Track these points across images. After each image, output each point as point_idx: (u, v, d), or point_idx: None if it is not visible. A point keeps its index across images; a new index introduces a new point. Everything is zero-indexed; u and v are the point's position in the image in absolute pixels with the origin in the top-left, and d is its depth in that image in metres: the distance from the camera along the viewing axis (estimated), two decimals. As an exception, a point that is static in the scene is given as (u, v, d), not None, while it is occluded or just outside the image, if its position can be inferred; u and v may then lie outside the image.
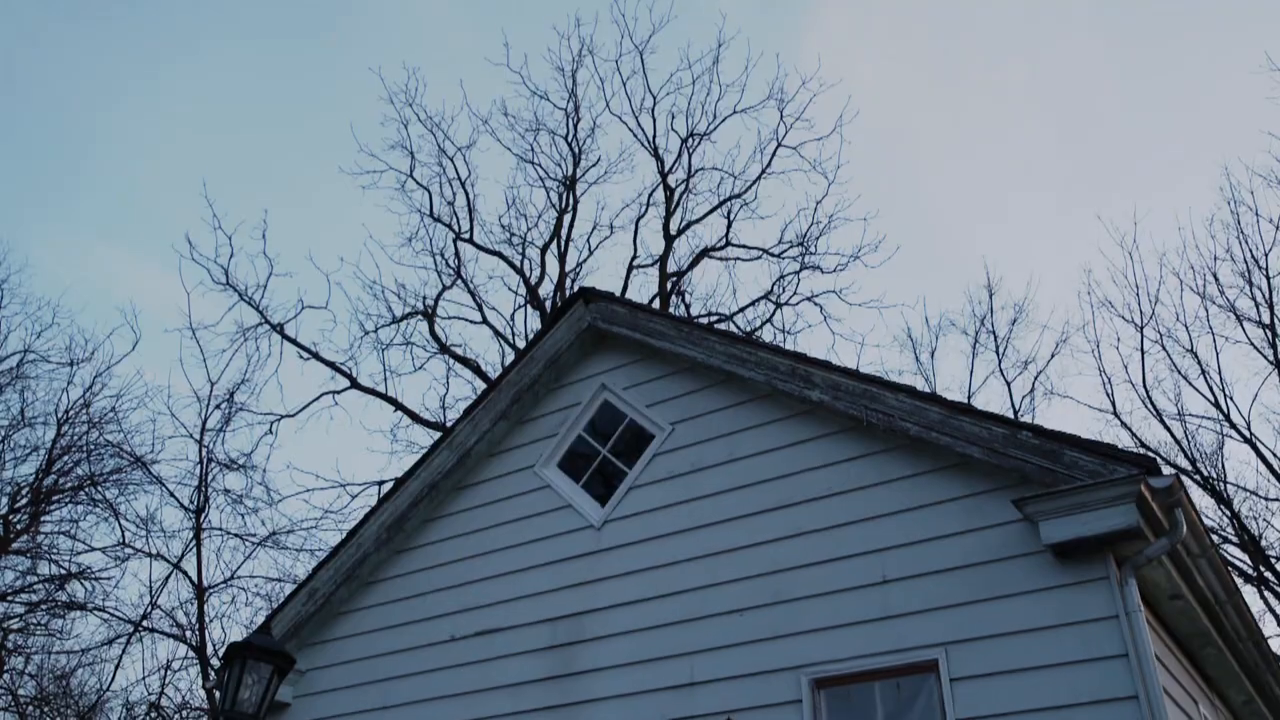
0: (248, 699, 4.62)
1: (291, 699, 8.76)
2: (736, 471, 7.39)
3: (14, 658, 17.46)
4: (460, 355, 21.42)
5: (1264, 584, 22.25)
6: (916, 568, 6.40)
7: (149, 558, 18.23)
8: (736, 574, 7.04)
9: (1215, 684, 8.05)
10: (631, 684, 7.11)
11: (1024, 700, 5.77)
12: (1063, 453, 6.03)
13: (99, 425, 18.80)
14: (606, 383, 8.41)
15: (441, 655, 8.13)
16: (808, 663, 6.52)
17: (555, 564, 7.92)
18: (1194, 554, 6.42)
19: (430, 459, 8.79)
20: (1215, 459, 22.82)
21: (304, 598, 8.90)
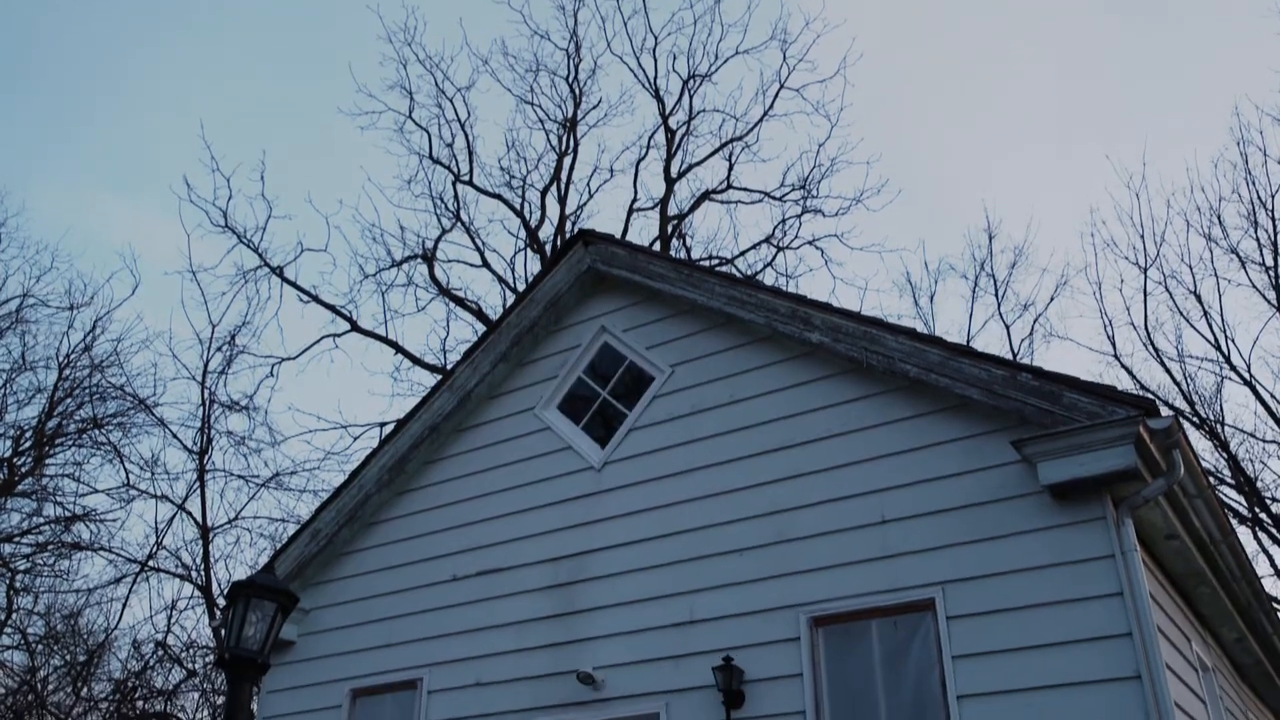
0: (252, 636, 4.68)
1: (296, 637, 8.89)
2: (736, 413, 7.41)
3: (22, 597, 17.69)
4: (460, 298, 21.38)
5: (1259, 525, 22.45)
6: (915, 508, 6.45)
7: (153, 499, 18.39)
8: (736, 514, 7.09)
9: (1208, 622, 8.15)
10: (632, 622, 7.20)
11: (1019, 638, 5.85)
12: (1062, 394, 6.04)
13: (101, 368, 18.84)
14: (606, 325, 8.40)
15: (444, 594, 8.23)
16: (806, 601, 6.60)
17: (556, 505, 7.97)
18: (1190, 495, 6.47)
19: (431, 401, 8.81)
20: (1214, 402, 22.88)
21: (307, 538, 8.98)
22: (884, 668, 6.26)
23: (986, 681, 5.85)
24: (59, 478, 18.47)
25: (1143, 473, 5.80)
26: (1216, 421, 22.31)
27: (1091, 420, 5.87)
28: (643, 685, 6.99)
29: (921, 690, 6.08)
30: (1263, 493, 22.52)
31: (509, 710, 7.47)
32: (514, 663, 7.61)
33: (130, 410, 18.64)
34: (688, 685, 6.80)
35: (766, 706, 6.48)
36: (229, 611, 4.77)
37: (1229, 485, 22.22)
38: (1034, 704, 5.68)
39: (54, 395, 18.37)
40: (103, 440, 18.40)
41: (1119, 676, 5.52)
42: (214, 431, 18.99)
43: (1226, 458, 22.30)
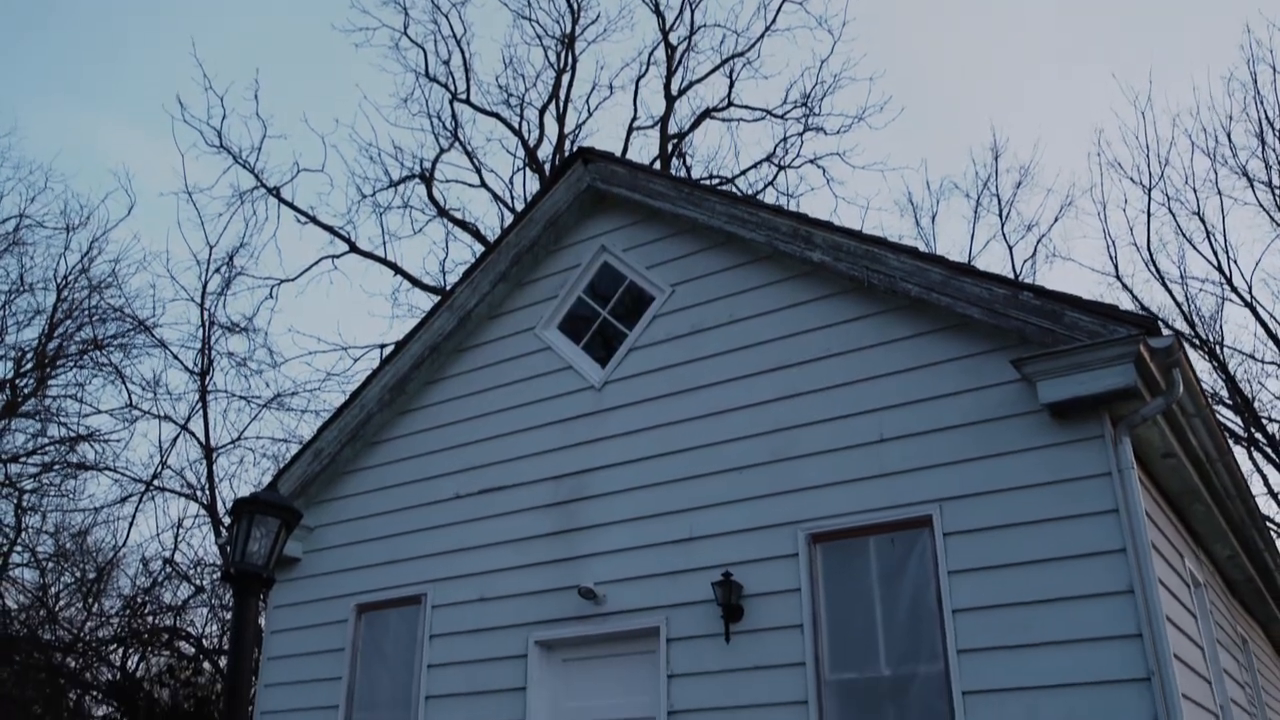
0: (257, 552, 4.74)
1: (301, 554, 9.01)
2: (736, 333, 7.41)
3: (30, 516, 17.90)
4: (459, 219, 21.24)
5: (1254, 445, 22.63)
6: (914, 427, 6.49)
7: (156, 419, 18.51)
8: (736, 433, 7.13)
9: (1201, 539, 8.26)
10: (633, 539, 7.30)
11: (1015, 554, 5.93)
12: (1063, 313, 6.03)
13: (99, 289, 18.78)
14: (606, 244, 8.35)
15: (447, 512, 8.32)
16: (805, 518, 6.67)
17: (557, 424, 8.02)
18: (1189, 414, 6.49)
19: (430, 321, 8.80)
20: (1214, 323, 22.88)
21: (310, 457, 9.05)
22: (881, 583, 6.36)
23: (982, 596, 5.95)
24: (61, 399, 18.55)
25: (1142, 391, 5.82)
26: (1216, 343, 22.35)
27: (1092, 339, 5.86)
28: (643, 600, 7.11)
29: (917, 605, 6.18)
30: (1259, 413, 22.66)
31: (512, 624, 7.61)
32: (516, 578, 7.73)
33: (130, 331, 18.64)
34: (688, 600, 6.92)
35: (765, 620, 6.60)
36: (233, 528, 4.83)
37: (1226, 406, 22.35)
38: (1028, 618, 5.78)
39: (53, 317, 18.35)
40: (104, 361, 18.43)
41: (1113, 591, 5.60)
42: (215, 353, 19.03)
43: (1225, 379, 22.39)
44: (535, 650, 7.45)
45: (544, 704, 7.36)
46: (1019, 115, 39.27)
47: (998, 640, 5.83)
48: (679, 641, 6.87)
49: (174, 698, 14.12)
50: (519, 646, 7.52)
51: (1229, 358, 22.26)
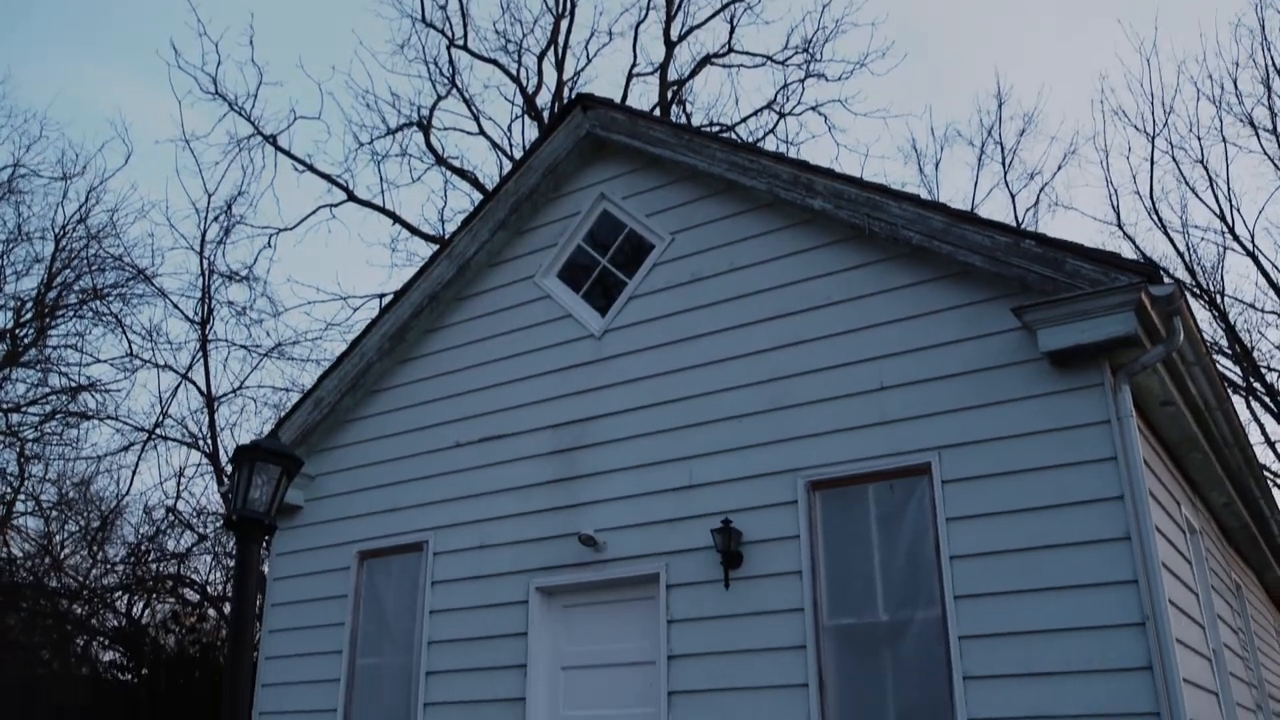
0: (258, 499, 4.76)
1: (303, 502, 9.07)
2: (736, 281, 7.38)
3: (33, 465, 17.98)
4: (457, 167, 21.09)
5: (1252, 394, 22.68)
6: (913, 375, 6.49)
7: (157, 369, 18.51)
8: (736, 381, 7.14)
9: (1198, 487, 8.30)
10: (632, 486, 7.33)
11: (1013, 501, 5.96)
12: (1065, 261, 6.00)
13: (98, 239, 18.68)
14: (605, 192, 8.29)
15: (447, 460, 8.36)
16: (804, 466, 6.70)
17: (556, 372, 8.02)
18: (1189, 362, 6.49)
19: (430, 270, 8.77)
20: (1215, 273, 22.83)
21: (310, 406, 9.07)
22: (879, 530, 6.40)
23: (980, 543, 5.99)
24: (62, 348, 18.55)
25: (1142, 339, 5.81)
26: (1217, 292, 22.31)
27: (1094, 287, 5.84)
28: (643, 547, 7.16)
29: (916, 551, 6.23)
30: (1259, 363, 22.69)
31: (512, 571, 7.68)
32: (517, 526, 7.78)
33: (130, 281, 18.59)
34: (687, 547, 6.97)
35: (764, 567, 6.65)
36: (235, 475, 4.85)
37: (1225, 355, 22.37)
38: (1026, 564, 5.83)
39: (52, 266, 18.29)
40: (103, 311, 18.40)
41: (1110, 537, 5.64)
42: (214, 302, 19.00)
43: (1225, 328, 22.39)
44: (536, 596, 7.52)
45: (545, 649, 7.45)
46: (1023, 61, 38.86)
47: (995, 586, 5.88)
48: (679, 588, 6.94)
49: (179, 643, 14.30)
50: (520, 593, 7.59)
51: (1229, 307, 22.25)
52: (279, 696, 8.65)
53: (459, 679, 7.68)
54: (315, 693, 8.40)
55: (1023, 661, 5.69)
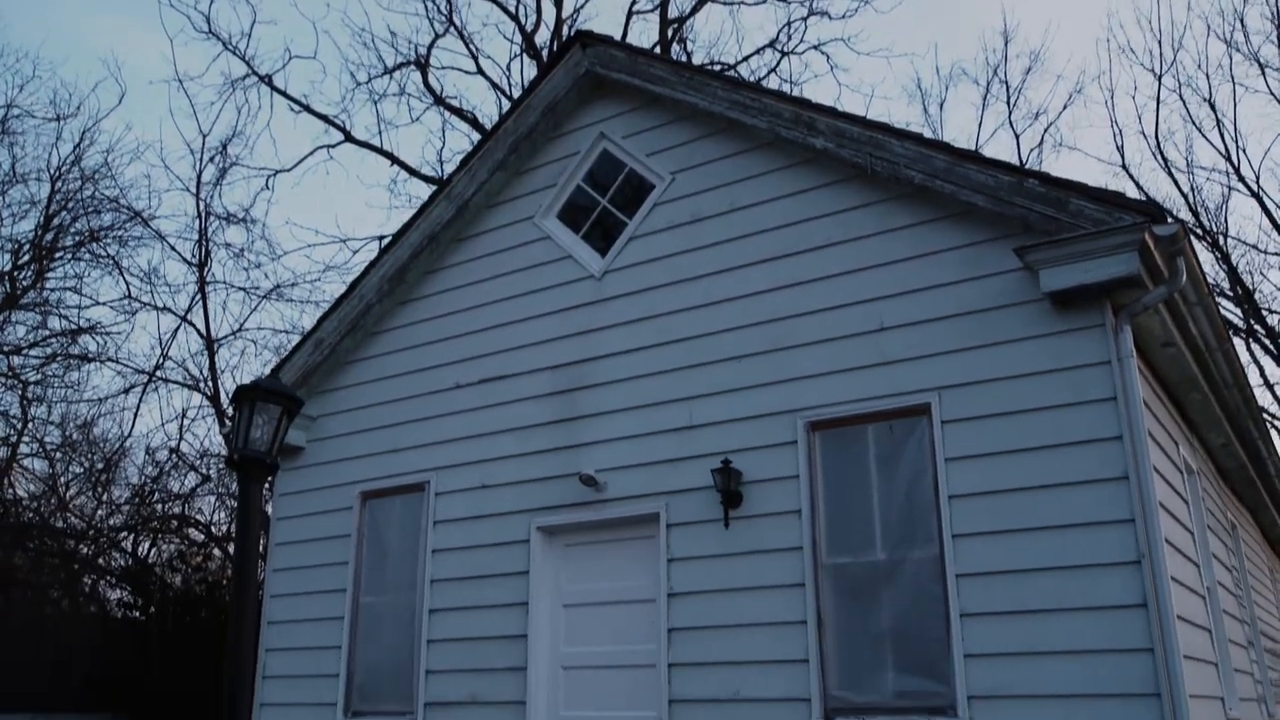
0: (259, 438, 4.78)
1: (305, 443, 9.11)
2: (737, 221, 7.34)
3: (36, 407, 18.05)
4: (456, 107, 20.86)
5: (1253, 336, 22.69)
6: (914, 315, 6.48)
7: (156, 311, 18.53)
8: (736, 322, 7.13)
9: (1196, 428, 8.33)
10: (633, 427, 7.36)
11: (1012, 441, 5.99)
12: (1068, 200, 5.95)
13: (93, 180, 18.55)
14: (605, 131, 8.20)
15: (448, 402, 8.38)
16: (804, 406, 6.72)
17: (556, 314, 8.01)
18: (1190, 303, 6.47)
19: (428, 210, 8.71)
20: (1219, 214, 22.71)
21: (310, 347, 9.07)
22: (879, 470, 6.43)
23: (978, 482, 6.03)
24: (60, 291, 18.52)
25: (1145, 280, 5.79)
26: (1220, 233, 22.20)
27: (1097, 227, 5.80)
28: (643, 487, 7.21)
29: (914, 491, 6.27)
30: (1260, 305, 22.66)
31: (514, 511, 7.74)
32: (518, 466, 7.82)
33: (126, 223, 18.51)
34: (687, 487, 7.01)
35: (764, 506, 6.70)
36: (236, 415, 4.86)
37: (1227, 298, 22.34)
38: (1024, 503, 5.87)
39: (48, 208, 18.17)
40: (101, 253, 18.34)
41: (1108, 477, 5.68)
42: (212, 244, 18.95)
43: (1227, 270, 22.33)
44: (537, 536, 7.59)
45: (546, 587, 7.53)
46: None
47: (993, 525, 5.93)
48: (679, 527, 6.99)
49: (185, 582, 14.47)
50: (521, 532, 7.66)
51: (1232, 249, 22.16)
52: (284, 633, 8.77)
53: (461, 616, 7.78)
54: (320, 630, 8.52)
55: (1019, 599, 5.76)
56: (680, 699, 6.69)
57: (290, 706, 8.52)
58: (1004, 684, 5.70)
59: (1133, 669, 5.39)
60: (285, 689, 8.62)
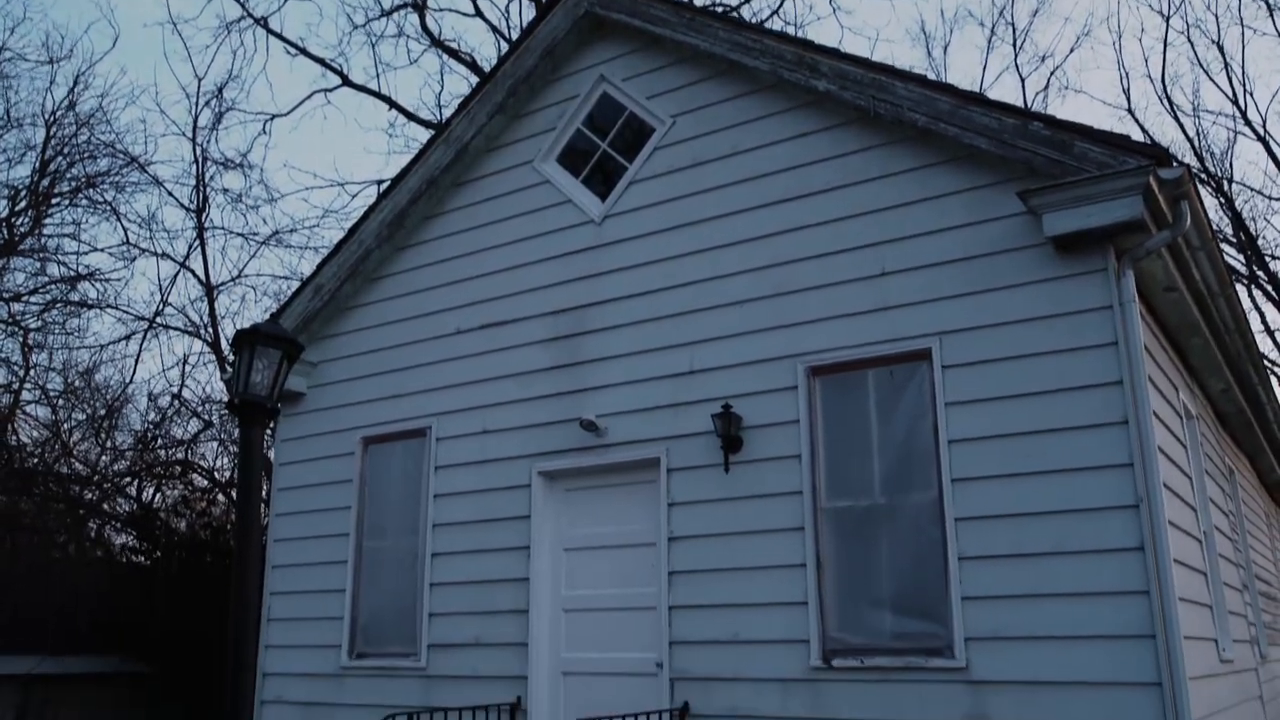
0: (259, 383, 4.77)
1: (306, 389, 9.13)
2: (738, 165, 7.28)
3: (37, 354, 18.05)
4: (454, 50, 20.58)
5: (1255, 282, 22.63)
6: (916, 260, 6.45)
7: (155, 257, 18.50)
8: (737, 267, 7.10)
9: (1196, 373, 8.33)
10: (633, 372, 7.37)
11: (1013, 386, 5.99)
12: (1073, 144, 5.90)
13: (88, 125, 18.36)
14: (605, 74, 8.10)
15: (449, 347, 8.38)
16: (805, 351, 6.71)
17: (557, 259, 7.97)
18: (1194, 247, 6.44)
19: (427, 154, 8.64)
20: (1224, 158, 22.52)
21: (310, 293, 9.05)
22: (879, 415, 6.45)
23: (978, 427, 6.04)
24: (59, 237, 18.42)
25: (1148, 224, 5.75)
26: (1224, 178, 22.05)
27: (1101, 170, 5.75)
28: (644, 432, 7.23)
29: (914, 436, 6.28)
30: (1263, 251, 22.57)
31: (515, 456, 7.77)
32: (519, 411, 7.84)
33: (123, 168, 18.33)
34: (688, 432, 7.04)
35: (764, 451, 6.73)
36: (236, 359, 4.86)
37: (1230, 243, 22.24)
38: (1023, 448, 5.89)
39: (44, 153, 18.00)
40: (98, 199, 18.21)
41: (1108, 421, 5.69)
42: (210, 189, 18.81)
43: (1230, 215, 22.23)
44: (539, 481, 7.63)
45: (547, 531, 7.59)
46: (1037, -62, 37.50)
47: (992, 470, 5.96)
48: (679, 472, 7.03)
49: (190, 527, 14.57)
50: (523, 477, 7.70)
51: (1236, 194, 22.03)
52: (289, 577, 8.86)
53: (463, 560, 7.86)
54: (324, 573, 8.61)
55: (1017, 543, 5.80)
56: (680, 640, 6.77)
57: (296, 649, 8.64)
58: (1000, 626, 5.76)
59: (1128, 611, 5.44)
60: (290, 631, 8.73)
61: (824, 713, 6.17)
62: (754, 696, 6.43)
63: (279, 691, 8.64)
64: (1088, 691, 5.46)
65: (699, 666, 6.66)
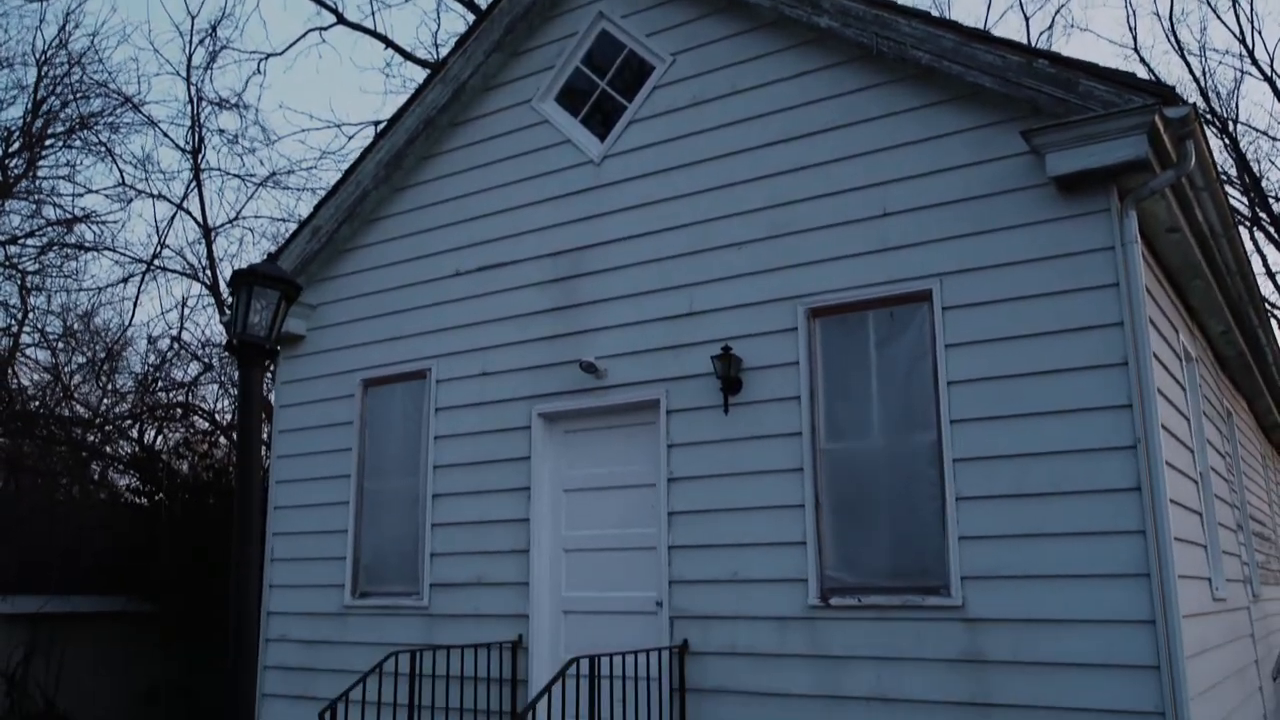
0: (258, 323, 4.76)
1: (305, 331, 9.12)
2: (739, 104, 7.19)
3: (35, 297, 18.01)
4: (451, -13, 20.23)
5: (1258, 224, 22.53)
6: (917, 201, 6.40)
7: (151, 198, 18.36)
8: (737, 208, 7.05)
9: (1197, 315, 8.32)
10: (632, 314, 7.35)
11: (1013, 327, 5.98)
12: (1078, 82, 5.82)
13: (80, 64, 18.13)
14: (604, 10, 7.97)
15: (447, 289, 8.35)
16: (804, 293, 6.69)
17: (555, 200, 7.92)
18: (1198, 187, 6.39)
19: (424, 94, 8.54)
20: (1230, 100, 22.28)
21: (308, 235, 9.00)
22: (878, 356, 6.44)
23: (978, 368, 6.04)
24: (54, 179, 18.30)
25: (1153, 163, 5.69)
26: (1230, 119, 21.83)
27: (1107, 109, 5.68)
28: (643, 374, 7.24)
29: (913, 377, 6.29)
30: (1267, 193, 22.43)
31: (515, 398, 7.79)
32: (518, 353, 7.84)
33: (117, 109, 18.15)
34: (687, 373, 7.04)
35: (763, 393, 6.74)
36: (234, 300, 4.84)
37: (1234, 185, 22.10)
38: (1023, 389, 5.90)
39: (36, 94, 17.80)
40: (93, 140, 18.05)
41: (1107, 363, 5.68)
42: (205, 130, 18.65)
43: (1235, 157, 22.06)
44: (538, 422, 7.66)
45: (547, 473, 7.63)
46: (1045, -128, 36.68)
47: (992, 411, 5.97)
48: (679, 413, 7.04)
49: (192, 469, 14.65)
50: (522, 419, 7.72)
51: (1241, 136, 21.84)
52: (291, 518, 8.93)
53: (464, 501, 7.91)
54: (326, 514, 8.67)
55: (1015, 483, 5.83)
56: (680, 580, 6.84)
57: (299, 588, 8.74)
58: (996, 565, 5.82)
59: (1124, 550, 5.49)
60: (293, 571, 8.82)
61: (821, 650, 6.26)
62: (752, 634, 6.51)
63: (283, 630, 8.76)
64: (1081, 629, 5.53)
65: (698, 605, 6.74)
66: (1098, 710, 5.42)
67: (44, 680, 11.74)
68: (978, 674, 5.77)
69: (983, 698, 5.73)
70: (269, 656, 8.77)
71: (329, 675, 8.26)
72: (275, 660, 8.75)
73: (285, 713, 8.55)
